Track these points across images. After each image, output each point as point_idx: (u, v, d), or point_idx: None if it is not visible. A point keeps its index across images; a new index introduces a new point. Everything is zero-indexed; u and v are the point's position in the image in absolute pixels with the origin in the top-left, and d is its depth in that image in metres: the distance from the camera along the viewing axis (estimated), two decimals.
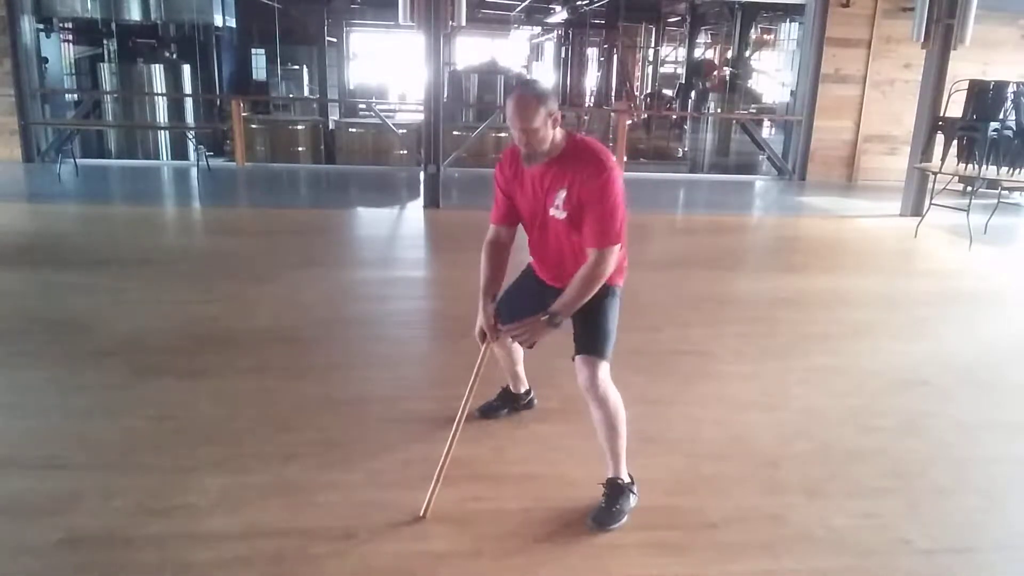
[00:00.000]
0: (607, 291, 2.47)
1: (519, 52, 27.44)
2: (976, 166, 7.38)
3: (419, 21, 7.70)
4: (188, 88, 12.00)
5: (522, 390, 3.16)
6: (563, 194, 2.35)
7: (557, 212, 2.38)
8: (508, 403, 3.17)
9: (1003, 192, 7.76)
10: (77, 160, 9.43)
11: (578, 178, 2.31)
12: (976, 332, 4.61)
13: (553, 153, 2.35)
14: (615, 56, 21.27)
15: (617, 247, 2.36)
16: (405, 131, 11.69)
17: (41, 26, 10.26)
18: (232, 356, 3.77)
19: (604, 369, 2.41)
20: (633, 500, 2.51)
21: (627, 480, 2.52)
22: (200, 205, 8.27)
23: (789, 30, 14.48)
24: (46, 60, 10.26)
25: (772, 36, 16.68)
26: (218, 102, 13.18)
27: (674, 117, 17.12)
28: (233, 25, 13.34)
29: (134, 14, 11.42)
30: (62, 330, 4.04)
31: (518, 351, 2.96)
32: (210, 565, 2.20)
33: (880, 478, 2.83)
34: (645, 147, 15.62)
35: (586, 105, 21.74)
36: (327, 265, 5.69)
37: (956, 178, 7.78)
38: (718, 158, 13.61)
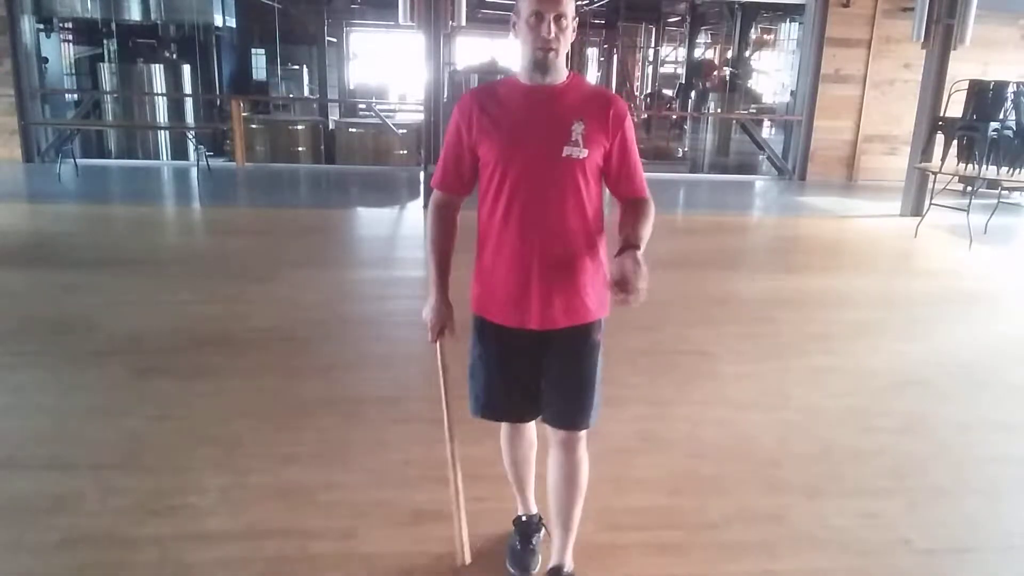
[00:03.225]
0: (595, 332, 1.98)
1: None
2: (976, 166, 7.38)
3: (419, 21, 7.72)
4: (188, 88, 12.00)
5: (533, 508, 2.37)
6: (580, 127, 1.83)
7: (575, 150, 1.82)
8: (533, 534, 2.32)
9: (1003, 192, 7.76)
10: (77, 160, 9.45)
11: (600, 107, 1.86)
12: (976, 332, 4.61)
13: (559, 78, 1.86)
14: (615, 56, 21.26)
15: None
16: (405, 131, 11.70)
17: (41, 26, 10.28)
18: (232, 356, 3.77)
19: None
20: None
21: (571, 570, 2.13)
22: (200, 205, 8.26)
23: (789, 30, 14.47)
24: (46, 60, 10.27)
25: (772, 36, 16.67)
26: (218, 102, 13.18)
27: (674, 117, 17.12)
28: (233, 25, 13.34)
29: (134, 14, 11.44)
30: (62, 330, 4.04)
31: (533, 445, 2.30)
32: (210, 565, 2.20)
33: (880, 478, 2.83)
34: (645, 147, 15.58)
35: None
36: (327, 265, 5.69)
37: (956, 178, 7.78)
38: (718, 158, 13.62)
